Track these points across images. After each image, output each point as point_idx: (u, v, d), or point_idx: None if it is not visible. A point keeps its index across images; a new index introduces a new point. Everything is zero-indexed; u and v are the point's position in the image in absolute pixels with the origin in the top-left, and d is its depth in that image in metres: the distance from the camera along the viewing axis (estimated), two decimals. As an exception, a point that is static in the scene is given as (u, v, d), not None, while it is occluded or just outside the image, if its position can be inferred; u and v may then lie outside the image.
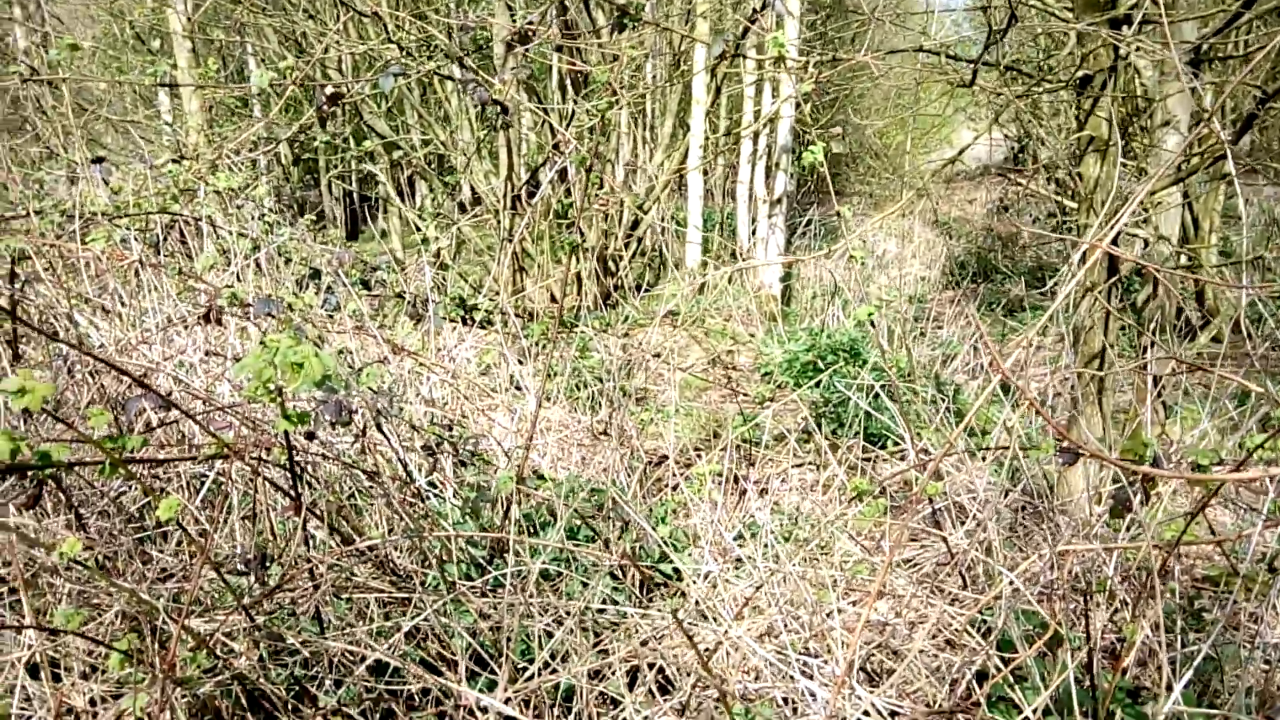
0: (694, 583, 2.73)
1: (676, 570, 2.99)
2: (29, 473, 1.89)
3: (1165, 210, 4.07)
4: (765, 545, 2.95)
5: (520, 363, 4.55)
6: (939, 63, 3.74)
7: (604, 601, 2.71)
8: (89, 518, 2.55)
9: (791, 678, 2.40)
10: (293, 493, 2.36)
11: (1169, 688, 2.19)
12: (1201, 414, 3.75)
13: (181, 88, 6.38)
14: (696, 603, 2.66)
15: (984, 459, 3.23)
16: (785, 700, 2.44)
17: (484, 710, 2.31)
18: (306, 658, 2.35)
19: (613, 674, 2.45)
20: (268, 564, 2.34)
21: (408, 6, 7.48)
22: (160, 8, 6.95)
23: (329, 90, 3.86)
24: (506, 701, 2.29)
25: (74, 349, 2.19)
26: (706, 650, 2.51)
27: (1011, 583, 2.38)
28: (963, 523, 3.04)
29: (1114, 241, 3.01)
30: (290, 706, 2.25)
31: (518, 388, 4.48)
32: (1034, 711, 2.13)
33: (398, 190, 8.06)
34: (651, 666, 2.52)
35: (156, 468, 2.72)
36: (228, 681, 2.18)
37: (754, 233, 9.22)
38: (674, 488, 3.94)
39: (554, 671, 2.41)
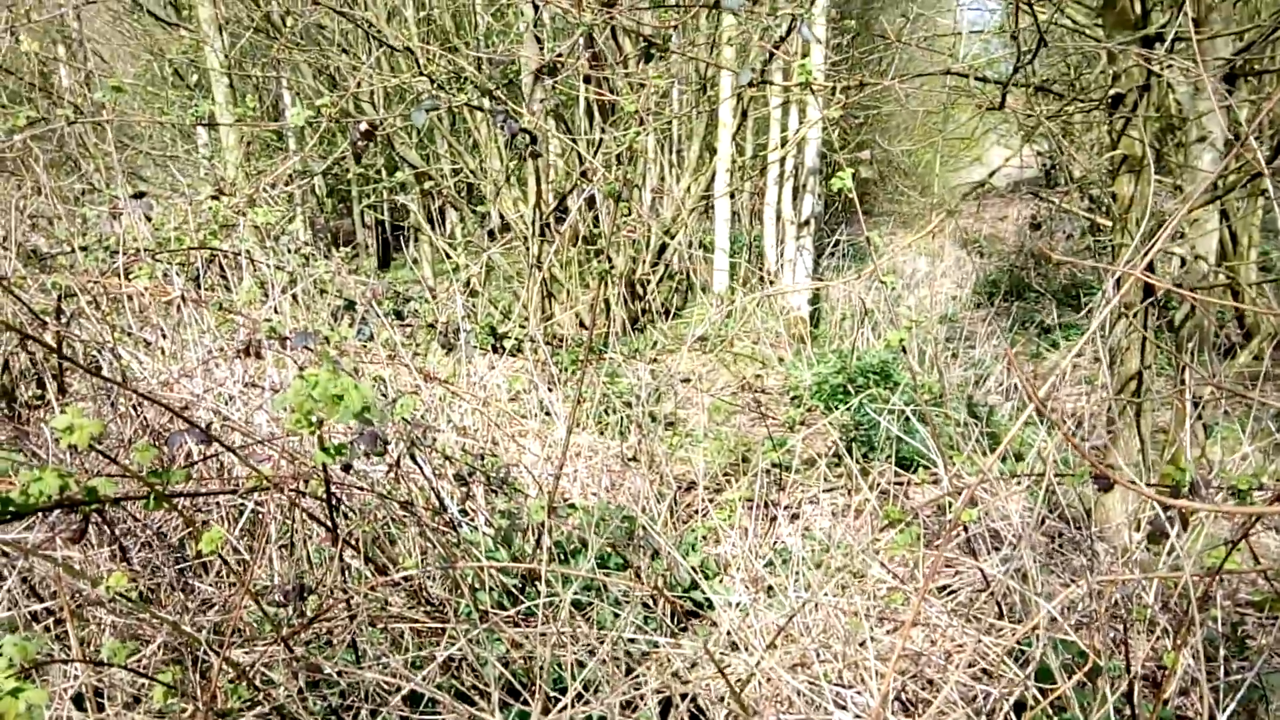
0: (725, 612, 2.73)
1: (708, 599, 2.99)
2: (76, 507, 1.94)
3: (1202, 228, 4.03)
4: (797, 573, 2.95)
5: (550, 389, 4.58)
6: (967, 85, 3.74)
7: (635, 631, 2.71)
8: (132, 549, 2.60)
9: (826, 709, 2.39)
10: (329, 523, 2.40)
11: (1212, 717, 2.16)
12: (1242, 436, 3.70)
13: (219, 124, 6.51)
14: (728, 632, 2.66)
15: (1019, 484, 3.20)
16: (820, 731, 2.43)
17: (518, 740, 2.32)
18: (343, 688, 2.37)
19: (645, 705, 2.45)
20: (305, 595, 2.37)
21: (438, 40, 7.60)
22: (198, 45, 7.12)
23: (363, 126, 3.94)
24: (541, 732, 2.30)
25: (117, 385, 2.25)
26: (739, 681, 2.51)
27: (1049, 612, 2.36)
28: (998, 549, 3.02)
29: (1150, 261, 2.99)
30: (328, 737, 2.27)
31: (547, 414, 4.50)
32: (1073, 743, 2.11)
33: (428, 218, 8.16)
34: (684, 698, 2.52)
35: (198, 500, 2.77)
36: (267, 713, 2.21)
37: (781, 255, 9.23)
38: (704, 514, 3.94)
39: (586, 702, 2.42)
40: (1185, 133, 4.36)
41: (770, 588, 2.96)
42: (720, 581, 3.21)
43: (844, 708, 2.39)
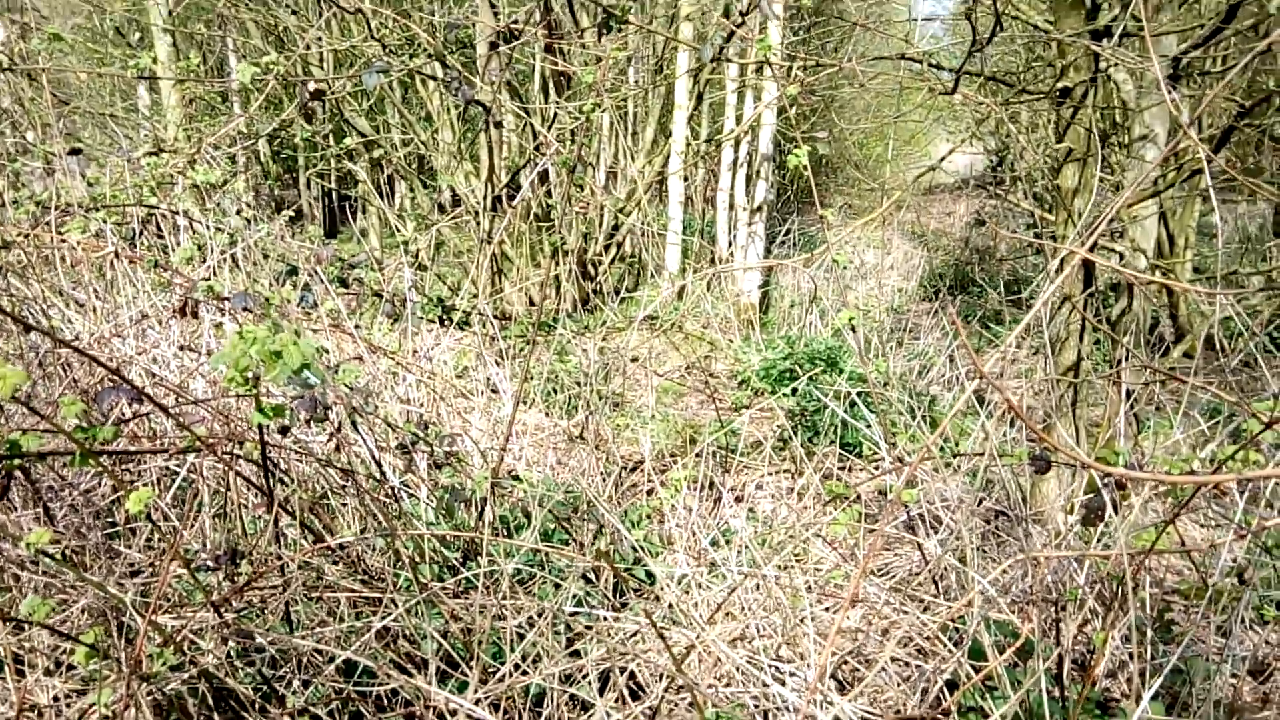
0: (667, 586, 2.73)
1: (650, 574, 2.99)
2: (-4, 463, 1.87)
3: (1142, 223, 4.12)
4: (740, 550, 2.96)
5: (497, 364, 4.54)
6: (922, 70, 3.77)
7: (577, 604, 2.70)
8: (57, 511, 2.51)
9: (764, 683, 2.40)
10: (265, 489, 2.34)
11: (1138, 699, 2.21)
12: (1173, 428, 3.79)
13: (161, 81, 6.32)
14: (670, 606, 2.66)
15: (958, 467, 3.25)
16: (757, 705, 2.44)
17: (453, 712, 2.30)
18: (275, 657, 2.32)
19: (584, 678, 2.44)
20: (238, 561, 2.32)
21: (391, 3, 7.47)
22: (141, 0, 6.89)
23: (312, 87, 3.84)
24: (476, 703, 2.28)
25: (47, 336, 2.16)
26: (679, 654, 2.51)
27: (983, 591, 2.40)
28: (937, 531, 3.06)
29: (1090, 251, 3.04)
30: (257, 706, 2.22)
31: (494, 390, 4.47)
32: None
33: (377, 190, 8.03)
34: (623, 671, 2.52)
35: (127, 461, 2.69)
36: (194, 679, 2.15)
37: (733, 241, 9.26)
38: (649, 492, 3.94)
39: (525, 674, 2.40)
40: (1129, 130, 4.45)
41: (713, 563, 2.97)
42: (663, 559, 3.21)
43: (783, 682, 2.40)
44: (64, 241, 3.37)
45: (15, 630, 2.22)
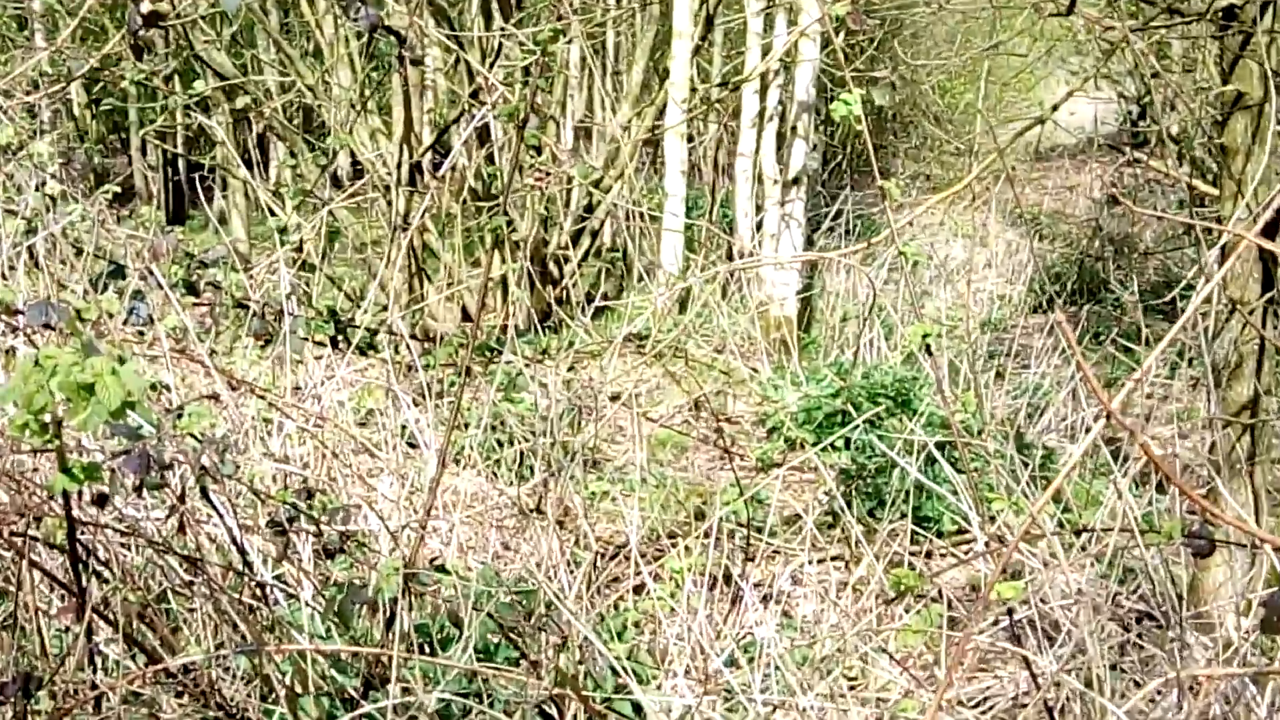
0: (663, 724, 2.73)
1: (638, 707, 2.98)
2: None
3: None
4: (768, 672, 2.95)
5: (416, 406, 4.55)
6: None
7: (531, 750, 2.69)
8: None
9: None
10: (73, 587, 2.34)
11: None
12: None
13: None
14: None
15: (1083, 549, 3.26)
16: None
17: None
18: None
19: None
20: (33, 691, 2.31)
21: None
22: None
23: (146, 7, 3.86)
24: None
25: None
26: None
27: (1121, 726, 2.40)
28: (1053, 641, 3.06)
29: (1270, 236, 3.05)
30: None
31: (411, 444, 4.47)
32: None
33: (243, 156, 8.07)
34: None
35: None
36: None
37: (759, 226, 9.30)
38: (637, 590, 3.94)
39: None
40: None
41: (729, 691, 2.97)
42: (657, 685, 3.21)
43: None
44: None
45: None
